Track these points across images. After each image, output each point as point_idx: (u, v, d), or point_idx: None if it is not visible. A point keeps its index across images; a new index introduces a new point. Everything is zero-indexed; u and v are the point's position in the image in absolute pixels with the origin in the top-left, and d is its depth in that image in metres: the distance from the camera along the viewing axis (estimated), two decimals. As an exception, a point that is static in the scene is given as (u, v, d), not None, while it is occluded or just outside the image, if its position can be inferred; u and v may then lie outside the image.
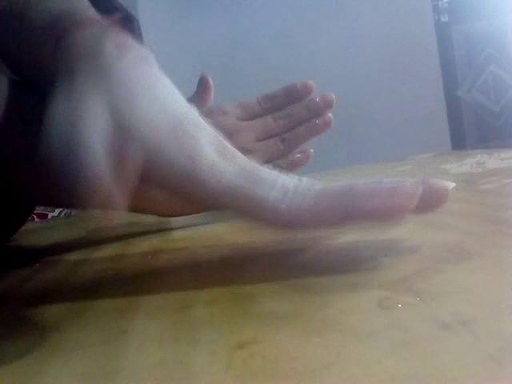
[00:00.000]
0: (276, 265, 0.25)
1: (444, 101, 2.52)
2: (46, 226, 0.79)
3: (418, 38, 2.48)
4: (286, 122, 0.48)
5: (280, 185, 0.23)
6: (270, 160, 0.47)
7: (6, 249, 0.54)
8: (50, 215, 0.92)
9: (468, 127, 2.55)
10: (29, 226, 0.77)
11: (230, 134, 0.30)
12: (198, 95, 0.49)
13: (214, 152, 0.24)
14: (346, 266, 0.22)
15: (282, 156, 0.47)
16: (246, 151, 0.29)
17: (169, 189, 0.25)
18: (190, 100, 0.29)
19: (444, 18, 2.50)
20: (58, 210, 0.92)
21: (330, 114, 0.48)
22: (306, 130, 0.48)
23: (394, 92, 2.49)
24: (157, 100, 0.24)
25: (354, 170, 0.85)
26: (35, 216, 0.90)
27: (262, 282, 0.22)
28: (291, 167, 0.47)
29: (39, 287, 0.30)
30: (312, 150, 0.48)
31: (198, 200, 0.24)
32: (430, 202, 0.22)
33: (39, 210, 0.91)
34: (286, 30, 2.49)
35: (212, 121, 0.29)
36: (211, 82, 0.50)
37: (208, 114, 0.30)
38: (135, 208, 0.39)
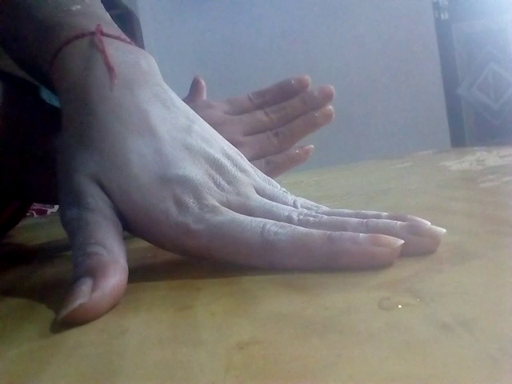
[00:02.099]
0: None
1: (444, 98, 2.52)
2: (44, 222, 0.79)
3: (418, 35, 2.48)
4: (280, 115, 0.45)
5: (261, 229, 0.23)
6: (263, 155, 0.44)
7: (5, 245, 0.54)
8: (48, 211, 0.92)
9: (468, 125, 2.55)
10: (28, 221, 0.77)
11: (214, 127, 0.29)
12: (191, 96, 0.47)
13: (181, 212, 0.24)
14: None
15: (276, 151, 0.45)
16: (233, 144, 0.29)
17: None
18: (184, 101, 0.29)
19: (444, 16, 2.50)
20: (56, 206, 0.92)
21: (331, 107, 0.45)
22: (303, 123, 0.45)
23: (394, 90, 2.48)
24: (128, 166, 0.25)
25: (353, 167, 0.85)
26: (34, 212, 0.90)
27: (262, 282, 0.22)
28: (289, 163, 0.45)
29: (38, 284, 0.30)
30: (312, 146, 0.46)
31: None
32: (420, 248, 0.22)
33: (38, 205, 0.91)
34: (286, 28, 2.49)
35: (196, 107, 0.29)
36: (203, 84, 0.49)
37: (193, 108, 0.29)
38: None
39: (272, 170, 0.44)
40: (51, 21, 0.30)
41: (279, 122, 0.45)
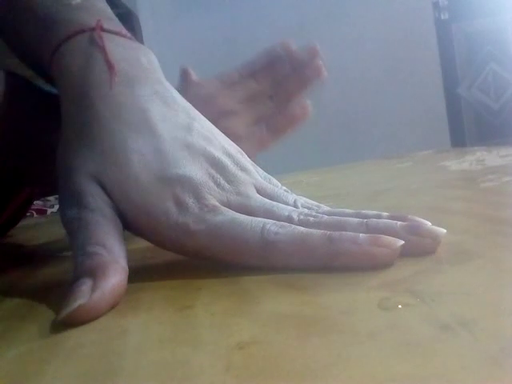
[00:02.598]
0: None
1: (444, 98, 2.52)
2: (44, 222, 0.79)
3: (418, 35, 2.47)
4: (270, 80, 0.46)
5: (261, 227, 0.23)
6: (260, 119, 0.44)
7: (5, 245, 0.54)
8: (48, 211, 0.92)
9: (468, 125, 2.55)
10: (28, 221, 0.77)
11: (205, 101, 0.29)
12: (182, 86, 0.47)
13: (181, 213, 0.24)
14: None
15: (274, 114, 0.45)
16: (227, 114, 0.28)
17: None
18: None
19: (444, 16, 2.50)
20: (56, 206, 0.92)
21: (320, 62, 0.46)
22: (295, 82, 0.45)
23: (394, 89, 2.48)
24: (128, 166, 0.25)
25: (353, 166, 0.85)
26: (34, 212, 0.90)
27: (262, 282, 0.22)
28: (289, 123, 0.45)
29: (38, 284, 0.30)
30: (309, 102, 0.46)
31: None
32: (420, 248, 0.22)
33: (38, 205, 0.91)
34: (286, 28, 2.49)
35: (186, 93, 0.29)
36: (191, 70, 0.49)
37: (183, 89, 0.29)
38: None
39: (274, 134, 0.44)
40: (51, 15, 0.30)
41: (271, 86, 0.45)
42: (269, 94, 0.45)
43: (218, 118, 0.28)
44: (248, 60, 0.47)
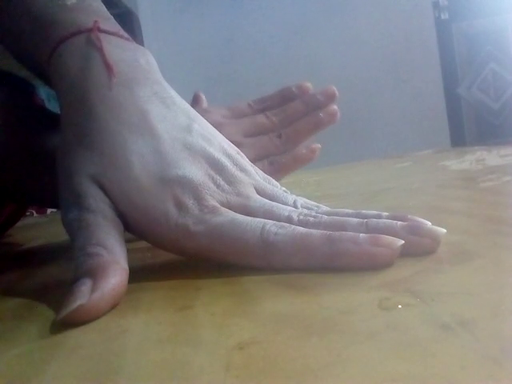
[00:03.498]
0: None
1: (444, 98, 2.52)
2: (44, 221, 0.79)
3: (418, 35, 2.48)
4: (281, 118, 0.44)
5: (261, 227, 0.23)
6: (265, 156, 0.43)
7: (5, 245, 0.54)
8: (48, 210, 0.92)
9: (467, 125, 2.55)
10: (28, 220, 0.77)
11: None
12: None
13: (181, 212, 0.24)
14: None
15: (279, 152, 0.44)
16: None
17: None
18: None
19: (444, 16, 2.50)
20: (57, 206, 0.92)
21: (335, 106, 0.44)
22: (307, 123, 0.44)
23: (394, 89, 2.49)
24: (129, 167, 0.25)
25: (353, 166, 0.85)
26: (34, 211, 0.90)
27: (262, 282, 0.22)
28: (294, 163, 0.44)
29: (38, 284, 0.30)
30: (319, 145, 0.44)
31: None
32: (420, 248, 0.22)
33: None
34: (286, 29, 2.49)
35: None
36: (203, 97, 0.48)
37: None
38: None
39: (276, 170, 0.43)
40: (47, 16, 0.29)
41: (281, 124, 0.44)
42: (277, 132, 0.44)
43: None
44: (261, 96, 0.46)
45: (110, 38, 0.28)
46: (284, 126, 0.44)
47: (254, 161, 0.40)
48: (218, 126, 0.42)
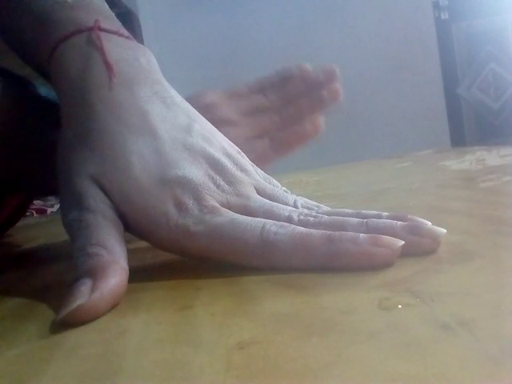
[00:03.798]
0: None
1: (444, 98, 2.52)
2: (44, 221, 0.79)
3: (418, 35, 2.48)
4: (280, 96, 0.43)
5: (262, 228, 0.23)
6: (264, 134, 0.42)
7: (5, 245, 0.54)
8: (48, 210, 0.92)
9: (467, 125, 2.55)
10: (27, 221, 0.77)
11: (205, 109, 0.28)
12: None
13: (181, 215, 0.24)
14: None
15: (280, 129, 0.42)
16: (225, 123, 0.27)
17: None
18: None
19: (444, 16, 2.50)
20: (56, 206, 0.92)
21: (338, 85, 0.42)
22: (309, 102, 0.42)
23: (394, 89, 2.49)
24: (129, 168, 0.25)
25: (353, 166, 0.85)
26: (34, 211, 0.90)
27: (261, 282, 0.22)
28: (296, 139, 0.42)
29: (38, 284, 0.30)
30: (323, 119, 0.43)
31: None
32: (420, 248, 0.22)
33: (38, 205, 0.91)
34: (286, 29, 2.49)
35: (189, 101, 0.28)
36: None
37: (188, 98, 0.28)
38: None
39: (278, 149, 0.42)
40: (47, 14, 0.29)
41: (280, 103, 0.43)
42: (277, 110, 0.42)
43: (215, 126, 0.27)
44: (259, 78, 0.44)
45: (110, 36, 0.28)
46: (284, 104, 0.43)
47: (251, 138, 0.39)
48: (213, 106, 0.40)
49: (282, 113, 0.42)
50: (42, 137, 0.35)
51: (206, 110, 0.28)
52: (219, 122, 0.30)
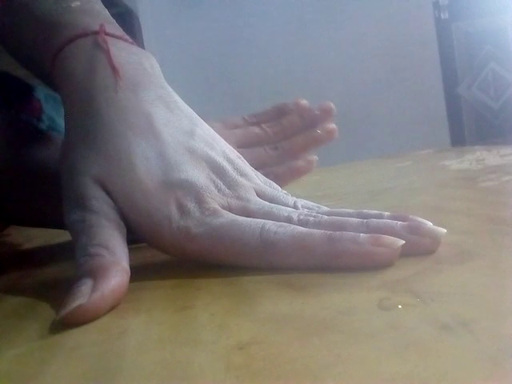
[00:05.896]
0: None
1: (444, 98, 2.52)
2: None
3: (418, 35, 2.48)
4: (276, 130, 0.43)
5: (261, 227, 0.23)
6: (259, 167, 0.40)
7: (5, 244, 0.54)
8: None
9: (467, 124, 2.55)
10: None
11: None
12: None
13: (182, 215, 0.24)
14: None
15: (274, 164, 0.42)
16: None
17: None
18: None
19: (444, 16, 2.50)
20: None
21: (334, 125, 0.43)
22: (304, 138, 0.43)
23: (394, 89, 2.48)
24: (132, 170, 0.25)
25: (354, 166, 0.85)
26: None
27: (262, 282, 0.22)
28: (290, 174, 0.43)
29: (38, 284, 0.30)
30: (316, 157, 0.43)
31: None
32: (420, 248, 0.22)
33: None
34: (286, 29, 2.49)
35: None
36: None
37: None
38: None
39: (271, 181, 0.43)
40: (51, 18, 0.30)
41: (276, 136, 0.43)
42: (274, 145, 0.42)
43: None
44: (256, 112, 0.45)
45: (115, 41, 0.28)
46: (279, 138, 0.43)
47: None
48: None
49: (277, 147, 0.43)
50: (26, 163, 0.35)
51: None
52: None
